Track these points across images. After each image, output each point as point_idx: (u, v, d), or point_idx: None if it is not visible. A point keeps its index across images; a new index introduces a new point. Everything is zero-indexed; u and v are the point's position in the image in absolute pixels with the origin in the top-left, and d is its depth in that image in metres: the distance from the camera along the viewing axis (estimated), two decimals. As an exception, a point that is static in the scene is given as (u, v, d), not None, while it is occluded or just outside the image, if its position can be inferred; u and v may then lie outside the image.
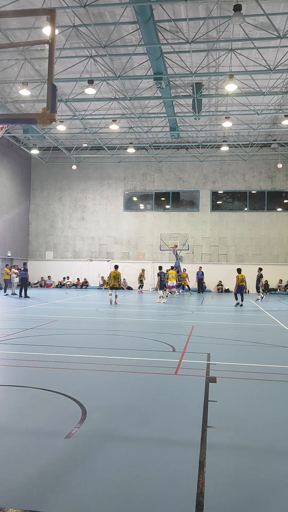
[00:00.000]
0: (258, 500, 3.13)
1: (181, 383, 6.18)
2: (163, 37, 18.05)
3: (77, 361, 7.42)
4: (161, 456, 3.79)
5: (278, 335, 11.25)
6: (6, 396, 5.56)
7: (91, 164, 34.96)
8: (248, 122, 27.41)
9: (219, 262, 32.87)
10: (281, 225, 32.63)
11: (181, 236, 32.69)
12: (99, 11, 16.78)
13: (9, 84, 22.32)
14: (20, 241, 34.21)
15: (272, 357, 8.38)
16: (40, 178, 35.78)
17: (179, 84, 22.70)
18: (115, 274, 18.40)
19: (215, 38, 18.11)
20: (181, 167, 33.95)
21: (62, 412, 4.86)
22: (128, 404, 5.21)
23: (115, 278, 18.37)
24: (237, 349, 9.20)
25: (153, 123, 27.95)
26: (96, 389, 5.82)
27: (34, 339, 9.59)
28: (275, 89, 22.28)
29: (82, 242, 35.07)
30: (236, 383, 6.30)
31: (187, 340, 9.77)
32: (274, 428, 4.54)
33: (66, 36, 17.96)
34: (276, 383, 6.32)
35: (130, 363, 7.48)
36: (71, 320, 13.17)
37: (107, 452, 3.86)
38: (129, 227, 34.41)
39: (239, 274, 19.20)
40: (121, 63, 20.31)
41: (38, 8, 14.67)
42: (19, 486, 3.23)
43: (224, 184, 33.54)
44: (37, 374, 6.56)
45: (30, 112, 23.39)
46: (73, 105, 24.86)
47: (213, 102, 24.61)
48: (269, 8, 16.02)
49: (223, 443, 4.11)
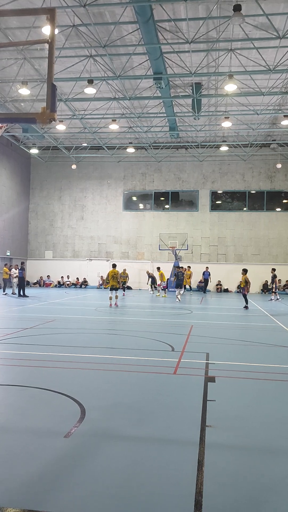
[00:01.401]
0: (257, 500, 3.14)
1: (180, 382, 6.19)
2: (163, 37, 18.05)
3: (76, 360, 7.42)
4: (160, 455, 3.79)
5: (277, 334, 11.26)
6: (5, 396, 5.57)
7: (91, 164, 34.95)
8: (247, 122, 27.41)
9: (218, 262, 32.87)
10: (280, 225, 32.65)
11: (180, 236, 32.68)
12: (99, 11, 16.77)
13: (9, 83, 22.29)
14: (19, 240, 34.19)
15: (271, 356, 8.39)
16: (39, 177, 35.76)
17: (179, 84, 22.70)
18: (114, 274, 17.17)
19: (215, 38, 18.11)
20: (181, 167, 33.95)
21: (61, 411, 4.87)
22: (127, 403, 5.22)
23: (114, 278, 17.13)
24: (236, 348, 9.21)
25: (153, 123, 27.95)
26: (95, 388, 5.82)
27: (33, 338, 9.59)
28: (275, 89, 22.28)
29: (81, 241, 35.06)
30: (235, 383, 6.31)
31: (186, 339, 9.78)
32: (272, 428, 4.55)
33: (66, 36, 17.95)
34: (275, 382, 6.33)
35: (129, 362, 7.49)
36: (70, 319, 13.16)
37: (106, 451, 3.87)
38: (129, 226, 34.41)
39: (242, 276, 17.91)
40: (121, 63, 20.31)
41: (38, 8, 14.65)
42: (18, 486, 3.23)
43: (223, 184, 33.55)
44: (36, 374, 6.57)
45: (29, 111, 23.38)
46: (72, 104, 24.84)
47: (212, 102, 24.61)
48: (269, 8, 16.02)
49: (222, 442, 4.12)
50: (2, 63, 20.50)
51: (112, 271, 17.33)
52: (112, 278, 17.11)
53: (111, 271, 17.36)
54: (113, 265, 18.06)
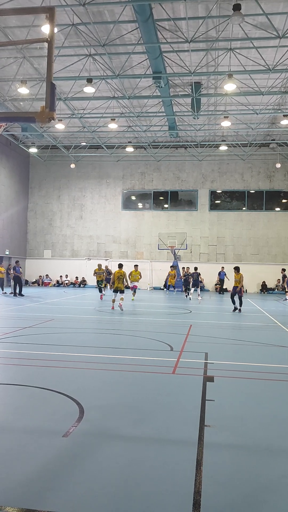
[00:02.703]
0: (255, 499, 3.14)
1: (179, 382, 6.19)
2: (162, 36, 18.04)
3: (74, 359, 7.42)
4: (158, 455, 3.79)
5: (276, 334, 11.27)
6: (4, 395, 5.56)
7: (90, 163, 34.92)
8: (247, 122, 27.42)
9: (217, 261, 32.88)
10: (279, 224, 32.67)
11: (179, 235, 32.68)
12: (99, 10, 16.75)
13: (8, 82, 22.26)
14: (18, 239, 34.17)
15: (270, 356, 8.39)
16: (38, 176, 35.73)
17: (178, 83, 22.70)
18: (120, 275, 15.84)
19: (214, 37, 18.10)
20: (180, 166, 33.95)
21: (59, 411, 4.86)
22: (126, 403, 5.21)
23: (119, 279, 15.79)
24: (235, 348, 9.21)
25: (152, 122, 27.93)
26: (93, 388, 5.82)
27: (31, 338, 9.58)
28: (274, 89, 22.28)
29: (80, 241, 35.04)
30: (233, 383, 6.31)
31: (185, 339, 9.78)
32: (271, 428, 4.55)
33: (65, 35, 17.93)
34: (273, 382, 6.33)
35: (127, 362, 7.49)
36: (69, 319, 13.16)
37: (104, 451, 3.87)
38: (128, 226, 34.41)
39: (236, 274, 16.42)
40: (120, 62, 20.29)
41: (37, 6, 14.63)
42: (17, 485, 3.23)
43: (222, 184, 33.56)
44: (34, 373, 6.56)
45: (28, 110, 23.33)
46: (72, 103, 24.82)
47: (212, 101, 24.61)
48: (269, 8, 16.02)
49: (220, 442, 4.12)
50: (2, 62, 20.47)
51: (118, 271, 15.97)
52: (117, 279, 15.83)
53: (116, 272, 16.04)
54: (119, 265, 16.59)
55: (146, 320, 13.87)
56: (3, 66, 20.70)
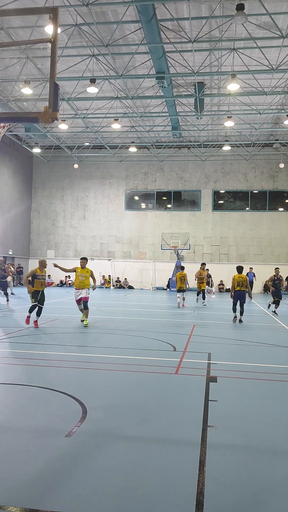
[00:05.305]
0: (258, 500, 3.13)
1: (182, 382, 6.18)
2: (165, 36, 18.02)
3: (77, 359, 7.42)
4: (161, 455, 3.79)
5: (280, 335, 11.24)
6: (7, 395, 5.57)
7: (93, 163, 34.94)
8: (250, 122, 27.37)
9: (221, 261, 32.84)
10: (282, 225, 32.59)
11: (182, 235, 32.64)
12: (102, 10, 16.76)
13: (11, 82, 22.30)
14: (21, 239, 34.23)
15: (273, 357, 8.37)
16: (41, 176, 35.78)
17: (181, 84, 22.68)
18: (181, 276, 17.63)
19: (217, 37, 18.07)
20: (183, 166, 33.92)
21: (62, 410, 4.87)
22: (129, 403, 5.21)
23: (181, 280, 17.60)
24: (238, 348, 9.20)
25: (155, 122, 27.92)
26: (96, 388, 5.82)
27: (34, 337, 9.59)
28: (278, 89, 22.23)
29: (83, 241, 35.07)
30: (236, 383, 6.30)
31: (188, 339, 9.77)
32: (274, 428, 4.53)
33: (69, 35, 17.95)
34: (277, 383, 6.32)
35: (130, 362, 7.48)
36: (72, 319, 13.17)
37: (107, 451, 3.86)
38: (131, 226, 34.41)
39: (236, 275, 14.29)
40: (123, 62, 20.30)
41: (41, 7, 14.65)
42: (20, 485, 3.23)
43: (225, 184, 33.50)
44: (37, 373, 6.57)
45: (32, 110, 23.36)
46: (75, 104, 24.84)
47: (215, 101, 24.58)
48: (272, 7, 15.98)
49: (223, 442, 4.11)
50: (5, 62, 20.52)
51: (180, 273, 17.75)
52: (179, 280, 17.57)
53: (178, 274, 17.78)
54: (181, 268, 18.57)
55: (149, 320, 13.86)
56: (7, 67, 20.75)
